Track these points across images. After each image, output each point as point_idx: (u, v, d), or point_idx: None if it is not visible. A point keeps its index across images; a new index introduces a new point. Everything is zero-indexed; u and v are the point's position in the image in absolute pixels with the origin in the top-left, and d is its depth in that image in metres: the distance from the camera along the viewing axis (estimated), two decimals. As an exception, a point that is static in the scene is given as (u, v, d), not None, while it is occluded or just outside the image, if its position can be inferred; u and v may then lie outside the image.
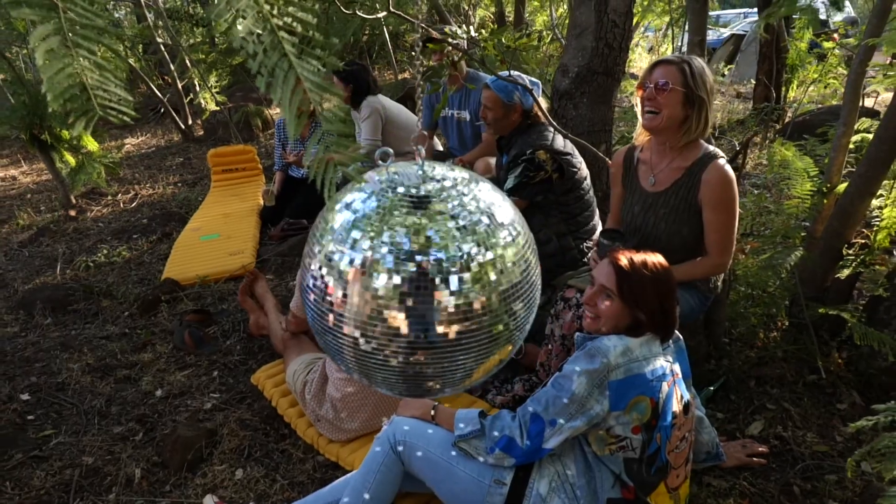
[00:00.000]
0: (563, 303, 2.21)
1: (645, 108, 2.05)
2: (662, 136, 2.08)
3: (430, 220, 0.91)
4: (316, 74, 0.75)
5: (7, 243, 4.82)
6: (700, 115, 2.00)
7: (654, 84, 2.00)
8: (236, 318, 3.30)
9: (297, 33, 0.75)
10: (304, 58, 0.75)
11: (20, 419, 2.66)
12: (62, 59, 0.71)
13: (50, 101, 0.72)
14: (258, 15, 0.71)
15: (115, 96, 0.77)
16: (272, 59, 0.71)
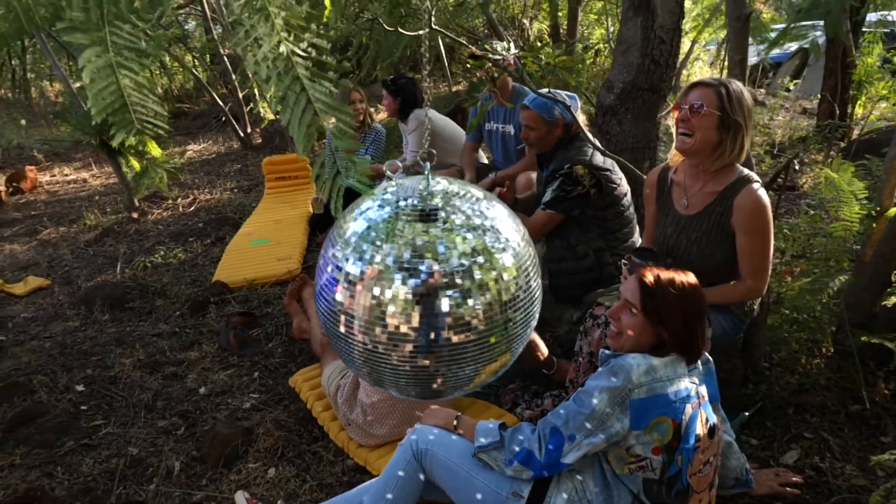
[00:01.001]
0: (591, 320, 2.21)
1: (679, 130, 2.03)
2: (695, 158, 2.06)
3: (436, 233, 0.95)
4: (327, 96, 0.80)
5: (74, 242, 5.09)
6: (735, 139, 1.98)
7: (688, 106, 1.99)
8: (280, 321, 3.41)
9: (312, 58, 0.80)
10: (317, 80, 0.80)
11: (74, 409, 2.81)
12: (107, 78, 0.78)
13: (94, 115, 0.79)
14: (275, 42, 0.77)
15: (152, 111, 0.84)
16: (285, 83, 0.76)
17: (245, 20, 0.73)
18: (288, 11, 0.79)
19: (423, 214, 0.97)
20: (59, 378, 3.04)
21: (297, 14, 0.80)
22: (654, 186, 2.27)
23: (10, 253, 4.99)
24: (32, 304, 4.01)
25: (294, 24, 0.79)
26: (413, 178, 1.02)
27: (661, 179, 2.26)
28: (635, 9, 3.27)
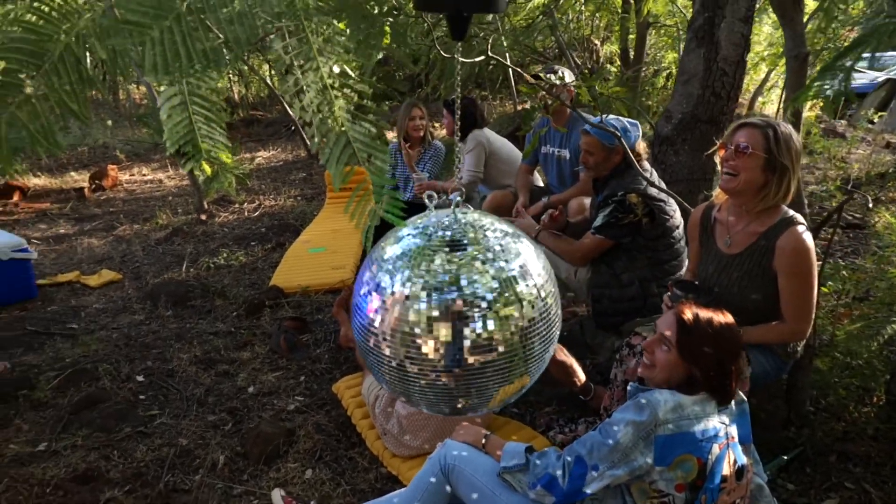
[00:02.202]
0: (628, 349, 2.22)
1: (724, 169, 2.04)
2: (739, 198, 2.06)
3: (463, 261, 1.02)
4: (366, 136, 0.88)
5: (146, 239, 5.39)
6: (781, 181, 1.97)
7: (734, 146, 1.99)
8: (329, 328, 3.53)
9: (354, 101, 0.89)
10: (357, 122, 0.89)
11: (133, 397, 2.99)
12: (181, 113, 0.88)
13: (168, 147, 0.90)
14: (321, 90, 0.85)
15: (217, 142, 0.93)
16: (327, 125, 0.85)
17: (295, 69, 0.82)
18: (335, 59, 0.87)
19: (453, 244, 1.04)
20: (122, 367, 3.24)
21: (343, 61, 0.89)
22: (698, 224, 2.27)
23: (88, 246, 5.32)
24: (104, 296, 4.28)
25: (339, 71, 0.87)
26: (445, 210, 1.09)
27: (704, 217, 2.26)
28: (698, 40, 3.27)
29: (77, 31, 0.78)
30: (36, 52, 0.77)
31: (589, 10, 8.65)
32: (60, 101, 0.80)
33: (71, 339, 3.62)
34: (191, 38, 0.70)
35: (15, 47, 0.76)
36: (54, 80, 0.77)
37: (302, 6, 0.88)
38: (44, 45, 0.77)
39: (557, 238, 2.94)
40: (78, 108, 0.81)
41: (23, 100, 0.78)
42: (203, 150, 0.90)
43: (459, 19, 0.84)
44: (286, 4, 0.84)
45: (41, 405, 2.95)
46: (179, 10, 0.70)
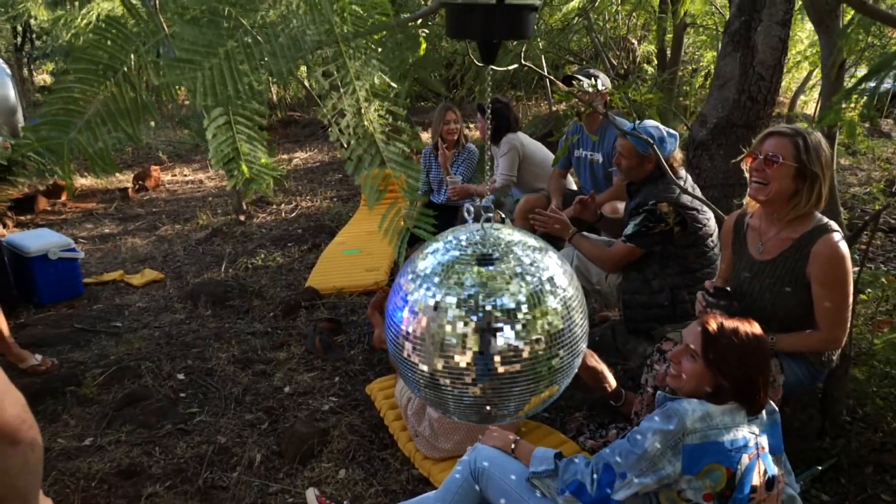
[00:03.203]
0: (658, 354, 2.23)
1: (753, 178, 2.03)
2: (770, 207, 2.05)
3: (493, 275, 1.05)
4: (400, 156, 0.92)
5: (187, 240, 5.54)
6: (812, 189, 1.96)
7: (763, 156, 1.98)
8: (363, 330, 3.59)
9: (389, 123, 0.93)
10: (392, 143, 0.93)
11: (174, 395, 3.10)
12: (226, 133, 0.93)
13: (212, 165, 0.95)
14: (357, 111, 0.89)
15: (259, 160, 0.99)
16: (362, 146, 0.89)
17: (333, 94, 0.86)
18: (371, 83, 0.92)
19: (483, 258, 1.07)
20: (163, 366, 3.35)
21: (380, 84, 0.93)
22: (731, 230, 2.27)
23: (132, 246, 5.49)
24: (147, 294, 4.42)
25: (375, 93, 0.92)
26: (474, 225, 1.12)
27: (737, 223, 2.26)
28: (734, 44, 3.24)
29: (135, 60, 0.84)
30: (97, 80, 0.83)
31: (625, 10, 8.57)
32: (117, 125, 0.86)
33: (115, 336, 3.76)
34: (238, 73, 0.75)
35: (80, 77, 0.82)
36: (111, 106, 0.83)
37: (340, 32, 0.92)
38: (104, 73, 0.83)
39: (591, 243, 2.94)
40: (133, 132, 0.87)
41: (84, 124, 0.84)
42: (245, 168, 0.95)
43: (489, 45, 0.87)
44: (326, 32, 0.88)
45: (87, 401, 3.07)
46: (228, 47, 0.75)
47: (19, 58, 14.09)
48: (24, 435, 0.91)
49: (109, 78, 0.86)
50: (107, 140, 0.89)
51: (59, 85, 0.85)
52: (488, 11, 0.83)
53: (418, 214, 0.96)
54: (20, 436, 0.90)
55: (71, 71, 0.84)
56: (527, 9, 0.85)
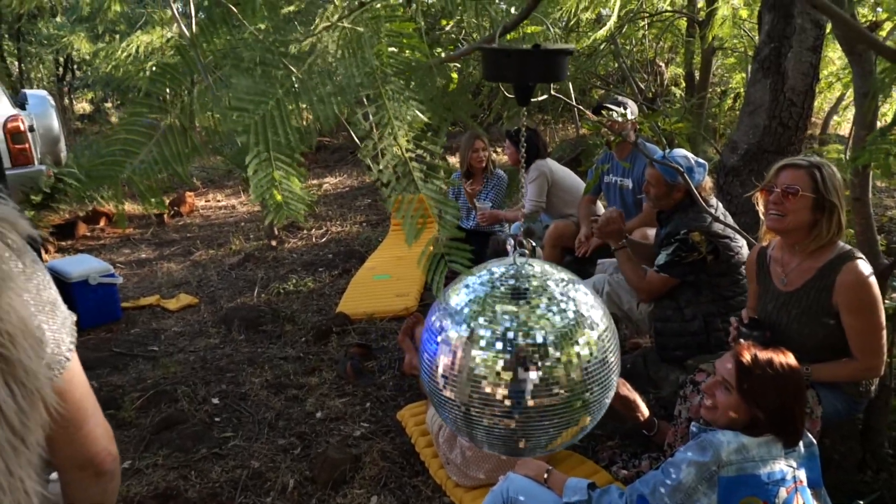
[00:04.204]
0: (692, 385, 2.21)
1: (770, 210, 2.03)
2: (789, 238, 2.06)
3: (527, 309, 1.07)
4: (438, 193, 0.96)
5: (220, 264, 5.65)
6: (831, 220, 1.96)
7: (781, 189, 1.99)
8: (393, 355, 3.62)
9: (426, 161, 0.96)
10: (430, 180, 0.96)
11: (209, 419, 3.15)
12: (266, 169, 0.98)
13: (252, 199, 0.99)
14: (396, 151, 0.93)
15: (296, 196, 1.03)
16: (402, 184, 0.92)
17: (373, 135, 0.90)
18: (409, 122, 0.95)
19: (516, 292, 1.09)
20: (198, 390, 3.41)
21: (417, 124, 0.97)
22: (754, 264, 2.27)
23: (168, 271, 5.62)
24: (182, 319, 4.51)
25: (413, 133, 0.95)
26: (507, 259, 1.15)
27: (760, 257, 2.26)
28: (764, 70, 3.25)
29: (185, 105, 0.89)
30: (150, 124, 0.88)
31: (652, 34, 8.60)
32: (168, 165, 0.91)
33: (152, 360, 3.84)
34: (287, 120, 0.79)
35: (136, 121, 0.87)
36: (164, 149, 0.88)
37: (380, 73, 0.96)
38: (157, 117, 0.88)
39: (634, 264, 2.90)
40: (182, 171, 0.92)
41: (138, 164, 0.89)
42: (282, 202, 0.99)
43: (524, 88, 0.91)
44: (366, 74, 0.93)
45: (126, 424, 3.14)
46: (279, 95, 0.79)
47: (60, 87, 14.63)
48: (109, 466, 0.95)
49: (163, 120, 0.91)
50: (156, 179, 0.94)
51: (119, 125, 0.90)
52: (524, 56, 0.86)
53: (454, 248, 0.98)
54: (105, 467, 0.93)
55: (128, 114, 0.89)
56: (562, 53, 0.88)
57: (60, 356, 0.84)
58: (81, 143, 10.11)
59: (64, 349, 0.85)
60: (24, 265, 0.80)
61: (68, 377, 0.86)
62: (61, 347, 0.84)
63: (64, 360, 0.85)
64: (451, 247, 0.98)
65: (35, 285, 0.82)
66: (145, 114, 0.90)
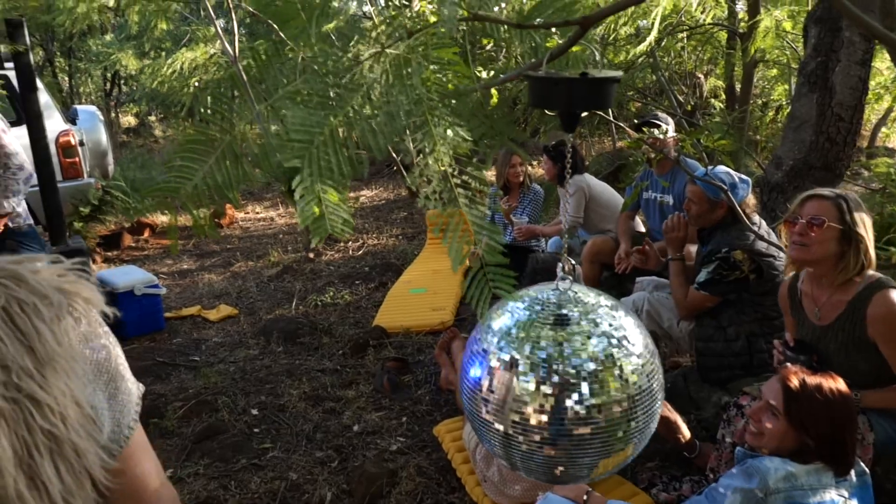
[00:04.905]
0: (736, 409, 2.16)
1: (794, 241, 1.99)
2: (815, 270, 2.02)
3: (568, 335, 1.07)
4: (481, 219, 0.96)
5: (259, 276, 5.75)
6: (858, 252, 1.92)
7: (806, 219, 1.95)
8: (430, 370, 3.62)
9: (471, 187, 0.97)
10: (474, 206, 0.97)
11: (248, 430, 3.20)
12: (312, 193, 1.00)
13: (300, 223, 1.01)
14: (442, 177, 0.94)
15: (342, 220, 1.04)
16: (448, 210, 0.93)
17: (420, 162, 0.91)
18: (454, 148, 0.96)
19: (558, 318, 1.09)
20: (238, 400, 3.46)
21: (462, 150, 0.98)
22: (786, 297, 2.23)
23: (208, 282, 5.74)
24: (222, 330, 4.60)
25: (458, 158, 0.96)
26: (549, 284, 1.14)
27: (791, 290, 2.22)
28: (810, 85, 3.18)
29: (238, 132, 0.92)
30: (205, 150, 0.91)
31: (691, 46, 8.50)
32: (220, 190, 0.94)
33: (193, 370, 3.91)
34: (339, 150, 0.81)
35: (190, 146, 0.90)
36: (217, 175, 0.90)
37: (427, 102, 0.98)
38: (210, 144, 0.91)
39: (683, 279, 2.85)
40: (233, 196, 0.94)
41: (190, 191, 0.92)
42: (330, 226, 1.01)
43: (571, 115, 0.91)
44: (414, 101, 0.94)
45: (168, 433, 3.20)
46: (333, 126, 0.81)
47: (108, 102, 15.12)
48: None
49: (216, 148, 0.94)
50: (208, 205, 0.96)
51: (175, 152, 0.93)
52: (572, 84, 0.87)
53: (498, 273, 0.99)
54: None
55: (183, 140, 0.92)
56: (609, 81, 0.88)
57: (120, 435, 0.82)
58: (127, 156, 10.41)
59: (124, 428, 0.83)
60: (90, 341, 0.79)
61: (127, 453, 0.84)
62: (121, 426, 0.82)
63: (123, 438, 0.83)
64: (495, 273, 0.99)
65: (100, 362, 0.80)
66: (200, 140, 0.93)
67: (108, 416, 0.80)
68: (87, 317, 0.80)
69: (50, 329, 0.73)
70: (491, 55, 2.10)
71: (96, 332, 0.82)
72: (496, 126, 1.01)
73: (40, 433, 0.69)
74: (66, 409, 0.71)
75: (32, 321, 0.72)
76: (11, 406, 0.68)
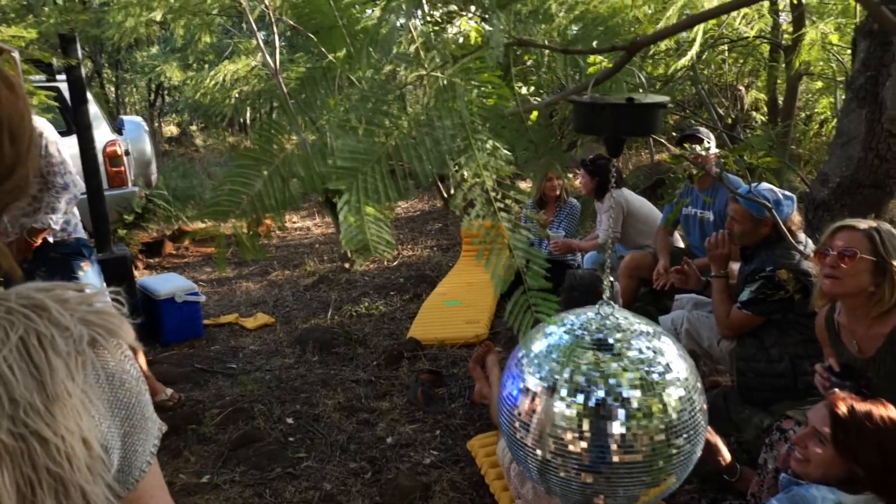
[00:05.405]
0: (779, 433, 2.10)
1: (825, 274, 1.94)
2: (848, 303, 1.96)
3: (610, 361, 1.06)
4: (524, 243, 0.96)
5: (296, 285, 5.82)
6: (894, 283, 1.85)
7: (836, 251, 1.89)
8: (464, 383, 3.62)
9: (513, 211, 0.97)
10: (517, 230, 0.97)
11: (283, 439, 3.23)
12: (356, 214, 1.01)
13: (343, 244, 1.02)
14: (485, 200, 0.94)
15: (384, 240, 1.05)
16: (491, 235, 0.93)
17: (463, 186, 0.92)
18: (497, 172, 0.97)
19: (599, 343, 1.08)
20: (274, 409, 3.50)
21: (504, 173, 0.98)
22: (824, 329, 2.17)
23: (246, 290, 5.83)
24: (259, 338, 4.66)
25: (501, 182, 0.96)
26: (590, 309, 1.13)
27: (828, 323, 2.16)
28: (859, 100, 3.10)
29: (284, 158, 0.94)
30: (254, 174, 0.94)
31: (732, 59, 8.36)
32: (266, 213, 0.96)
33: (231, 378, 3.98)
34: (387, 177, 0.82)
35: (240, 173, 0.93)
36: (265, 199, 0.92)
37: (470, 125, 0.98)
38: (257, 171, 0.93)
39: (725, 296, 2.79)
40: (280, 221, 0.96)
41: (239, 212, 0.94)
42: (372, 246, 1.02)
43: (616, 140, 0.90)
44: (458, 125, 0.95)
45: (206, 439, 3.26)
46: (381, 154, 0.82)
47: (151, 112, 15.55)
48: None
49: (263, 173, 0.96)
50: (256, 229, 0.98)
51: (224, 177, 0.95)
52: (618, 110, 0.86)
53: (541, 299, 0.98)
54: None
55: (234, 165, 0.94)
56: (655, 107, 0.87)
57: (130, 476, 0.79)
58: (169, 165, 10.67)
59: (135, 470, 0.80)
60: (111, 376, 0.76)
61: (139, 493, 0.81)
62: (132, 467, 0.79)
63: (133, 482, 0.80)
64: (537, 297, 0.98)
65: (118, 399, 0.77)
66: (250, 166, 0.95)
67: (121, 454, 0.77)
68: (111, 351, 0.77)
69: (66, 363, 0.71)
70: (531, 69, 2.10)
71: (120, 366, 0.78)
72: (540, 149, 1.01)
73: (45, 472, 0.68)
74: (74, 448, 0.69)
75: (48, 355, 0.70)
76: (18, 443, 0.67)
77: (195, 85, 8.31)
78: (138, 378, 0.80)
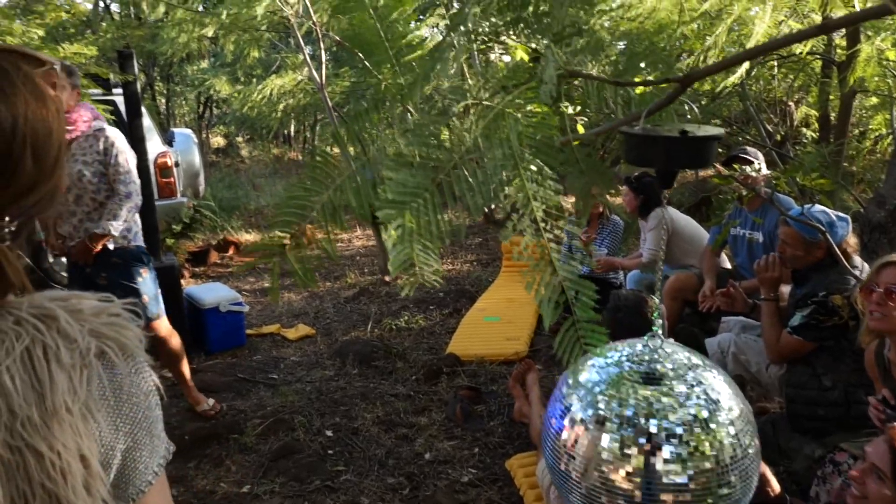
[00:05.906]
0: (832, 466, 2.03)
1: (872, 311, 1.87)
2: None
3: (659, 395, 1.04)
4: (573, 274, 0.95)
5: (336, 297, 5.88)
6: None
7: (883, 288, 1.82)
8: (503, 400, 3.60)
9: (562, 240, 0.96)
10: (567, 262, 0.96)
11: (322, 451, 3.26)
12: (405, 243, 1.02)
13: (391, 271, 1.03)
14: (535, 231, 0.94)
15: (431, 268, 1.06)
16: (541, 266, 0.93)
17: (514, 217, 0.92)
18: (546, 202, 0.96)
19: (647, 376, 1.06)
20: (314, 421, 3.54)
21: (553, 203, 0.97)
22: (873, 365, 2.10)
23: (288, 301, 5.92)
24: (300, 349, 4.72)
25: (549, 213, 0.96)
26: (639, 341, 1.12)
27: (877, 357, 2.09)
28: (917, 120, 3.00)
29: (336, 189, 0.96)
30: (306, 205, 0.96)
31: (782, 74, 8.18)
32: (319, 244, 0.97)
33: (272, 388, 4.03)
34: (438, 211, 0.83)
35: (293, 204, 0.95)
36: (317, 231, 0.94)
37: (520, 155, 0.98)
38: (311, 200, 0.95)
39: (775, 321, 2.71)
40: (330, 249, 0.97)
41: (292, 246, 0.96)
42: (420, 274, 1.03)
43: (669, 173, 0.89)
44: (507, 156, 0.95)
45: (247, 449, 3.31)
46: (432, 189, 0.83)
47: (199, 123, 15.99)
48: None
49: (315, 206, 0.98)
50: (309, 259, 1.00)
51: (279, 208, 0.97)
52: (671, 143, 0.85)
53: (590, 331, 0.97)
54: None
55: (287, 196, 0.97)
56: (710, 140, 0.86)
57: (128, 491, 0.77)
58: (216, 175, 10.93)
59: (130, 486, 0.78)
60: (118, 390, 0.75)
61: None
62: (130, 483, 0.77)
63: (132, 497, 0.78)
64: (586, 328, 0.98)
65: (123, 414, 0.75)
66: (304, 197, 0.97)
67: (119, 467, 0.75)
68: (120, 363, 0.75)
69: (69, 376, 0.70)
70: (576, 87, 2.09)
71: (129, 380, 0.76)
72: (590, 178, 1.01)
73: (40, 487, 0.67)
74: (70, 465, 0.68)
75: (51, 367, 0.69)
76: (14, 456, 0.66)
77: (243, 98, 8.52)
78: (149, 393, 0.79)
